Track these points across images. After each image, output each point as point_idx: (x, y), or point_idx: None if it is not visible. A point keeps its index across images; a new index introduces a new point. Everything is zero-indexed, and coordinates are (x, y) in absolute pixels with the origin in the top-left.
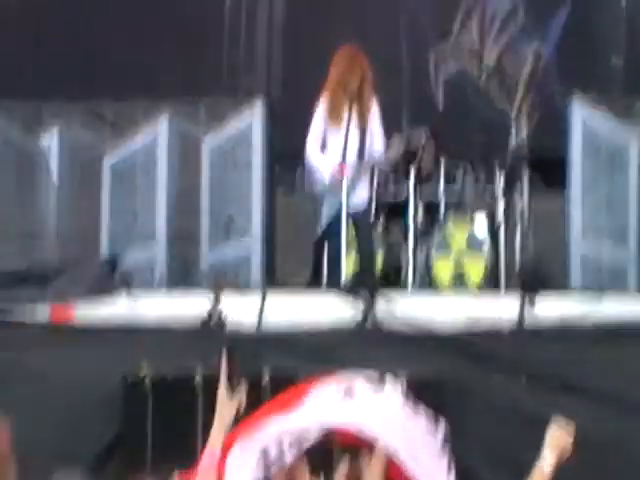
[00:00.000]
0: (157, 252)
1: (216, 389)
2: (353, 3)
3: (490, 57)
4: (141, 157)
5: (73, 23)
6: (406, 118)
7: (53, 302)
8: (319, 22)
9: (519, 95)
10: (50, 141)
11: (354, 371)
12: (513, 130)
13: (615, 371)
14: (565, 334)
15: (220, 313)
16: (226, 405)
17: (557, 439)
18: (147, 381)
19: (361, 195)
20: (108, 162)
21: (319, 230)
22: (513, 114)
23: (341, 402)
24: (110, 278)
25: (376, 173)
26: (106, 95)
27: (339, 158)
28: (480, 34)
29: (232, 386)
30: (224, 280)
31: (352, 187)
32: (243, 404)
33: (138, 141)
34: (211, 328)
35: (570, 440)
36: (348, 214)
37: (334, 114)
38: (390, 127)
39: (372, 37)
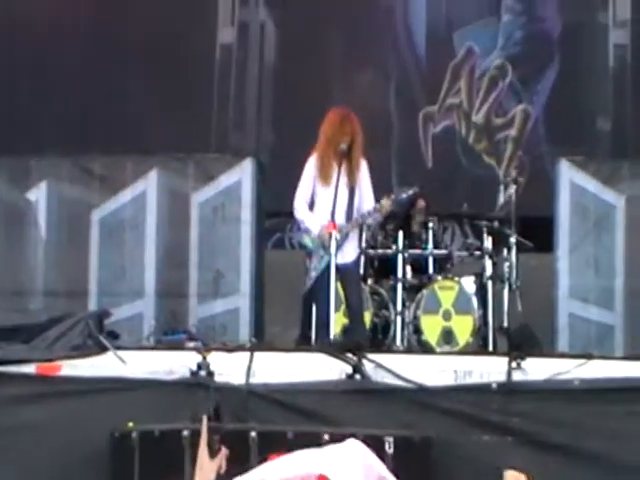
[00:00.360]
0: (145, 306)
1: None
2: (343, 65)
3: (478, 116)
4: (130, 211)
5: (63, 78)
6: (395, 177)
7: (40, 358)
8: (310, 83)
9: (507, 153)
10: (38, 195)
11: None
12: (501, 189)
13: (601, 431)
14: (551, 393)
15: (208, 366)
16: (206, 467)
17: None
18: (134, 436)
19: (350, 252)
20: (96, 216)
21: (307, 284)
22: (501, 172)
23: None
24: (98, 333)
25: (365, 231)
26: (95, 150)
27: (328, 216)
28: (468, 93)
29: (212, 449)
30: (213, 335)
31: (341, 244)
32: (223, 467)
33: (127, 195)
34: (199, 381)
35: None
36: (337, 270)
37: (323, 172)
38: (378, 183)
39: (362, 97)
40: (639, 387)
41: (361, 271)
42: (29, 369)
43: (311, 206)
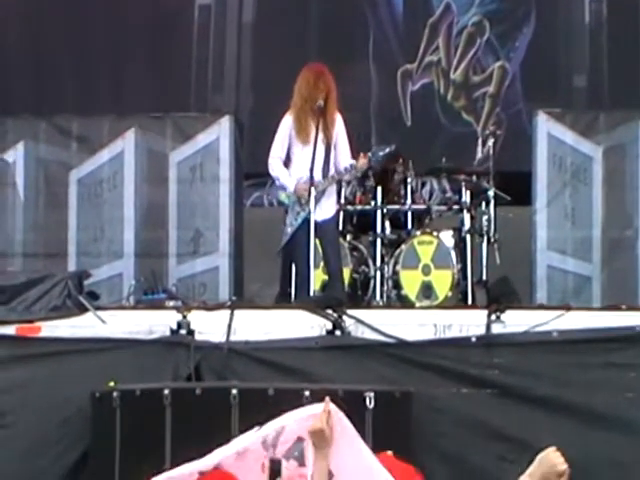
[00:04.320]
0: (125, 267)
1: (184, 402)
2: (321, 24)
3: (456, 73)
4: (108, 172)
5: (40, 38)
6: (375, 135)
7: (19, 319)
8: (289, 42)
9: (485, 110)
10: (16, 156)
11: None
12: (479, 143)
13: (580, 382)
14: (530, 345)
15: (188, 325)
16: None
17: (546, 465)
18: (115, 395)
19: (327, 209)
20: (74, 177)
21: (283, 240)
22: (479, 129)
23: None
24: (77, 293)
25: (344, 187)
26: (72, 110)
27: (306, 173)
28: (446, 50)
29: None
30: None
31: (318, 200)
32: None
33: (105, 156)
34: (180, 340)
35: (562, 469)
36: (315, 226)
37: (301, 131)
38: (357, 142)
39: (339, 54)
40: (617, 337)
41: (340, 227)
42: (9, 330)
43: (286, 164)
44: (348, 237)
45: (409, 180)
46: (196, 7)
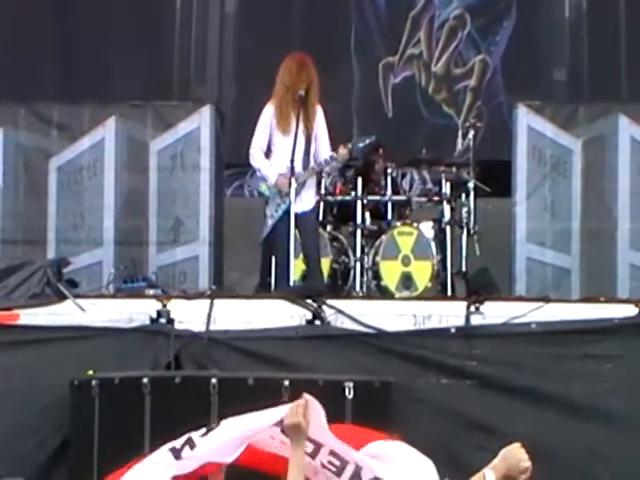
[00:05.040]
0: (105, 255)
1: (163, 391)
2: (305, 13)
3: (438, 66)
4: (88, 159)
5: (21, 25)
6: (356, 127)
7: None
8: (271, 32)
9: (466, 103)
10: None
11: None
12: (459, 135)
13: (558, 373)
14: (509, 337)
15: (168, 313)
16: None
17: (510, 461)
18: (94, 384)
19: (307, 200)
20: (54, 164)
21: (264, 231)
22: (460, 121)
23: None
24: (57, 281)
25: (324, 178)
26: (52, 97)
27: (287, 164)
28: (428, 43)
29: None
30: (172, 283)
31: (298, 192)
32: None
33: (85, 143)
34: (159, 328)
35: (525, 466)
36: (295, 218)
37: (283, 121)
38: (339, 134)
39: (322, 46)
40: (595, 329)
41: (320, 218)
42: None
43: (267, 154)
44: (328, 227)
45: (389, 171)
46: None
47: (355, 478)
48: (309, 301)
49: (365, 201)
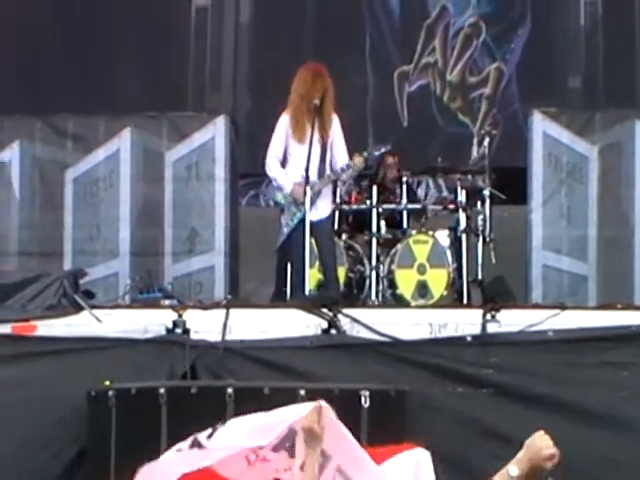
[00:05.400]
0: (120, 265)
1: (179, 401)
2: (318, 24)
3: (453, 74)
4: (103, 171)
5: (36, 37)
6: (371, 134)
7: (15, 318)
8: (286, 43)
9: (481, 111)
10: (11, 156)
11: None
12: (475, 142)
13: (575, 381)
14: (526, 345)
15: (184, 324)
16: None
17: (533, 450)
18: (111, 394)
19: (323, 209)
20: (70, 176)
21: (279, 240)
22: (475, 129)
23: None
24: (73, 292)
25: (339, 187)
26: (68, 109)
27: (302, 173)
28: (443, 52)
29: None
30: (188, 293)
31: (314, 201)
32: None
33: (100, 155)
34: (175, 339)
35: (550, 453)
36: (310, 226)
37: (298, 130)
38: (354, 143)
39: (337, 55)
40: (611, 337)
41: (335, 226)
42: (5, 329)
43: (283, 164)
44: (344, 236)
45: (404, 179)
46: (193, 8)
47: None
48: (325, 310)
49: (380, 210)
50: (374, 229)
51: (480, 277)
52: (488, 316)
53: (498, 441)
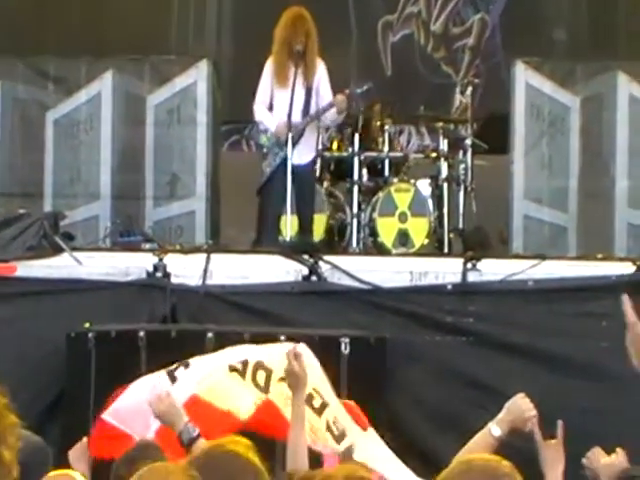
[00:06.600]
0: (101, 209)
1: (159, 344)
2: None
3: (437, 25)
4: (85, 113)
5: None
6: (354, 82)
7: None
8: None
9: (465, 62)
10: None
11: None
12: (457, 94)
13: (554, 331)
14: (506, 294)
15: (165, 268)
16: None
17: (514, 412)
18: (90, 336)
19: (305, 153)
20: (51, 117)
21: (262, 180)
22: (458, 79)
23: None
24: (53, 234)
25: (321, 133)
26: (49, 51)
27: (285, 116)
28: (427, 2)
29: None
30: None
31: (297, 141)
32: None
33: (82, 97)
34: (156, 282)
35: (530, 415)
36: (292, 171)
37: (279, 74)
38: (337, 91)
39: (321, 3)
40: (592, 287)
41: (317, 174)
42: None
43: (269, 109)
44: (325, 184)
45: (387, 127)
46: None
47: (348, 452)
48: (305, 257)
49: (362, 157)
50: (356, 177)
51: (461, 226)
52: (469, 265)
53: (477, 389)
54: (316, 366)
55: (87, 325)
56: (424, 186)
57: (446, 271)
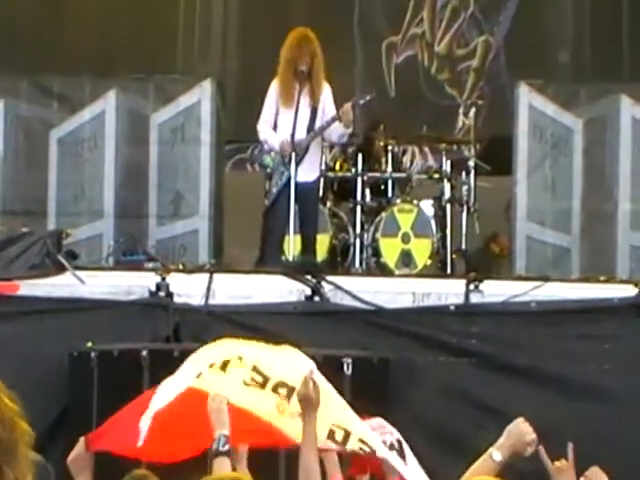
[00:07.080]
0: (105, 227)
1: (161, 364)
2: None
3: (441, 46)
4: (89, 131)
5: None
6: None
7: None
8: (275, 8)
9: (469, 84)
10: None
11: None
12: (461, 115)
13: (557, 352)
14: (508, 315)
15: (168, 287)
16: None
17: (515, 436)
18: (93, 356)
19: (310, 170)
20: (55, 135)
21: (269, 199)
22: (462, 100)
23: None
24: (56, 252)
25: (324, 154)
26: (54, 69)
27: (289, 136)
28: (431, 23)
29: None
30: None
31: (301, 158)
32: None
33: (86, 115)
34: (159, 301)
35: (530, 439)
36: (296, 189)
37: (284, 94)
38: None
39: (326, 23)
40: (594, 309)
41: (320, 193)
42: None
43: (274, 129)
44: (328, 203)
45: (390, 148)
46: None
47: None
48: (309, 277)
49: (365, 177)
50: (359, 197)
51: (464, 247)
52: (471, 286)
53: (479, 410)
54: (329, 390)
55: (90, 344)
56: (427, 207)
57: (449, 292)
